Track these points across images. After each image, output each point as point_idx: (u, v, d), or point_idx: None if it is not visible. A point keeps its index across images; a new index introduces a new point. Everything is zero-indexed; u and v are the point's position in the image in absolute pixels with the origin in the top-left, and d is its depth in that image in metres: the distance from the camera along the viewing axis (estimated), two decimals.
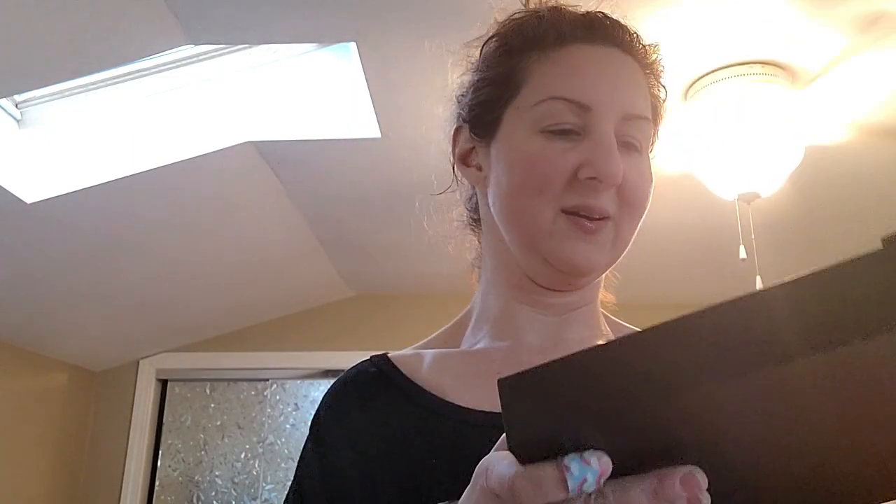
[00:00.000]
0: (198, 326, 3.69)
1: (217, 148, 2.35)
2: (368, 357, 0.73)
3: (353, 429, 0.67)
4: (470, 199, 0.77)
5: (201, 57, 2.34)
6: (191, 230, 2.82)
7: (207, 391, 3.86)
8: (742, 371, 0.32)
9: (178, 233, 2.81)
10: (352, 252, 3.35)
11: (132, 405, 3.73)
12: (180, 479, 3.75)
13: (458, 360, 0.70)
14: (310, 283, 3.65)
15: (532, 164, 0.63)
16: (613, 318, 0.76)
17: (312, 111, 2.34)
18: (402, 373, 0.69)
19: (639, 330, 0.35)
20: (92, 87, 2.37)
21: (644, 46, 0.69)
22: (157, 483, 3.73)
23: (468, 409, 0.64)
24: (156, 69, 2.37)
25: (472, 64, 0.73)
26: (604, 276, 0.72)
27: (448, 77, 0.76)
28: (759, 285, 2.34)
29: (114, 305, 3.17)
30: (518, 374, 0.36)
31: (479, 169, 0.71)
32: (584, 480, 0.35)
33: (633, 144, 0.66)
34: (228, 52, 2.34)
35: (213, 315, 3.63)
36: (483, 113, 0.69)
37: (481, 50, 0.71)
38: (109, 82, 2.38)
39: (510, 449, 0.37)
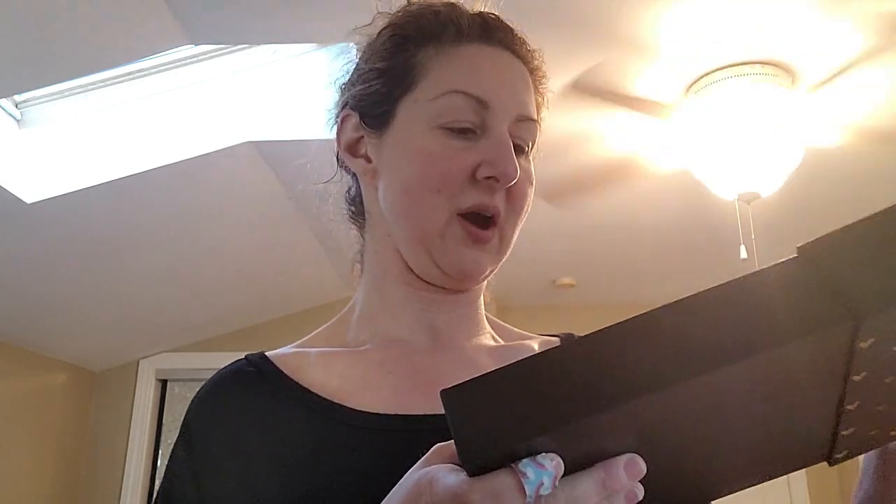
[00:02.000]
0: (198, 326, 3.69)
1: (217, 148, 2.35)
2: (244, 356, 0.68)
3: (230, 432, 0.61)
4: (349, 190, 0.74)
5: (201, 57, 2.34)
6: (191, 230, 2.82)
7: None
8: (672, 379, 0.33)
9: (178, 233, 2.80)
10: (352, 252, 3.34)
11: (132, 405, 3.73)
12: None
13: (344, 360, 0.66)
14: (310, 283, 3.65)
15: (431, 160, 0.63)
16: (493, 318, 0.75)
17: (312, 111, 2.34)
18: (283, 373, 0.65)
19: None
20: (92, 87, 2.37)
21: (530, 52, 0.69)
22: (157, 483, 3.73)
23: (357, 411, 0.60)
24: (156, 69, 2.37)
25: (362, 51, 0.70)
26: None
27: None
28: None
29: (114, 305, 3.17)
30: (463, 384, 0.36)
31: (368, 160, 0.68)
32: (541, 484, 0.35)
33: (523, 146, 0.66)
34: (228, 52, 2.34)
35: (213, 315, 3.63)
36: (376, 103, 0.67)
37: (377, 38, 0.69)
38: (109, 82, 2.38)
39: (461, 459, 0.37)
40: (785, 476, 0.49)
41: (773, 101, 2.10)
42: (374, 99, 0.67)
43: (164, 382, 3.88)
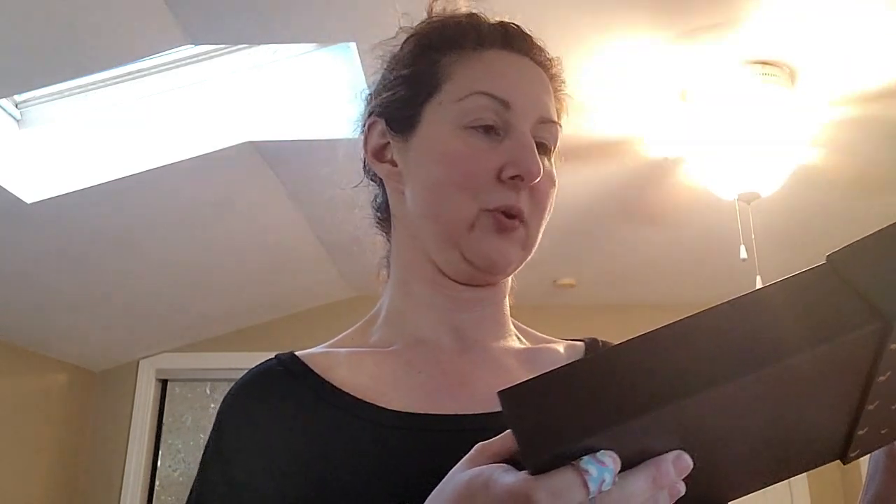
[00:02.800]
0: (198, 326, 3.69)
1: (217, 148, 2.34)
2: (274, 356, 0.69)
3: (260, 430, 0.62)
4: (376, 197, 0.77)
5: (201, 57, 2.34)
6: (191, 230, 2.82)
7: (207, 391, 3.86)
8: (716, 380, 0.35)
9: (178, 233, 2.80)
10: (352, 252, 3.34)
11: (132, 405, 3.73)
12: (180, 479, 3.75)
13: (373, 360, 0.68)
14: (310, 283, 3.65)
15: (457, 160, 0.65)
16: (517, 321, 0.76)
17: (312, 111, 2.34)
18: (313, 372, 0.66)
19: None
20: (92, 87, 2.37)
21: (549, 59, 0.72)
22: (157, 483, 3.73)
23: (387, 409, 0.62)
24: (156, 69, 2.37)
25: (387, 63, 0.74)
26: (510, 279, 0.73)
27: None
28: (758, 285, 2.34)
29: (114, 305, 3.17)
30: (520, 384, 0.37)
31: (394, 164, 0.71)
32: (603, 481, 0.36)
33: (546, 146, 0.68)
34: (228, 52, 2.34)
35: (213, 315, 3.63)
36: (402, 108, 0.70)
37: (401, 48, 0.72)
38: (109, 82, 2.38)
39: (523, 458, 0.37)
40: None
41: (773, 101, 2.09)
42: (399, 104, 0.70)
43: (164, 382, 3.88)
